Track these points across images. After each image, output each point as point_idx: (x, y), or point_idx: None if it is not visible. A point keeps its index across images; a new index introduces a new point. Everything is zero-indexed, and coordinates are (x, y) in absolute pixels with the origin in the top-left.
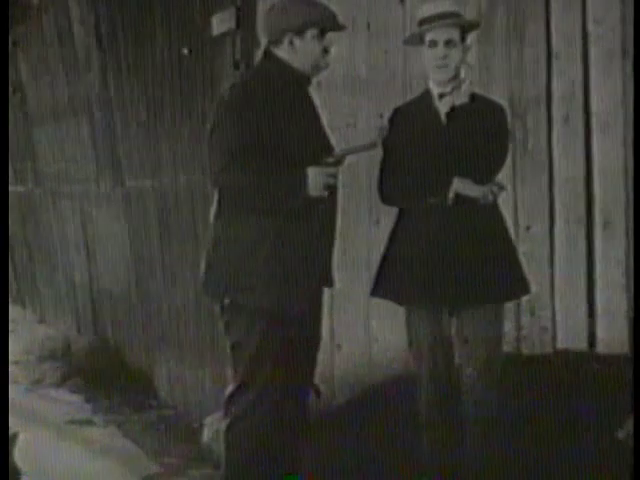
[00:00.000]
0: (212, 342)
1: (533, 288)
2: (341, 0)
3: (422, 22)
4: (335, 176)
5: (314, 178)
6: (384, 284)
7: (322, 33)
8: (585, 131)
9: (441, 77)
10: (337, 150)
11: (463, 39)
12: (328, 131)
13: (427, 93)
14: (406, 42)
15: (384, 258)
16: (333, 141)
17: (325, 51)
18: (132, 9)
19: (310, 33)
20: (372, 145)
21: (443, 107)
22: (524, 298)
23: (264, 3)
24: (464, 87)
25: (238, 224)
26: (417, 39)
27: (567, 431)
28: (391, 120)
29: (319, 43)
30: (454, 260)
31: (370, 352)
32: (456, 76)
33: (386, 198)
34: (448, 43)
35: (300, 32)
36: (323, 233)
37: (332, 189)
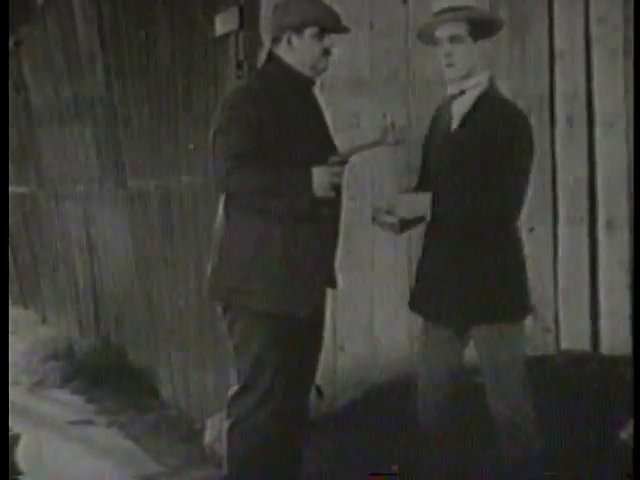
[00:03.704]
0: (214, 343)
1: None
2: (344, 0)
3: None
4: (341, 175)
5: (320, 178)
6: (412, 298)
7: (322, 33)
8: (588, 131)
9: (450, 75)
10: (341, 149)
11: (476, 35)
12: (332, 132)
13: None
14: (419, 38)
15: (416, 272)
16: (337, 141)
17: (325, 52)
18: (136, 9)
19: (309, 32)
20: (376, 143)
21: (456, 110)
22: None
23: (267, 3)
24: (473, 89)
25: (244, 227)
26: (428, 37)
27: (569, 431)
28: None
29: (318, 43)
30: (471, 278)
31: (373, 353)
32: (469, 75)
33: None
34: (453, 39)
35: (298, 30)
36: (327, 234)
37: (338, 189)
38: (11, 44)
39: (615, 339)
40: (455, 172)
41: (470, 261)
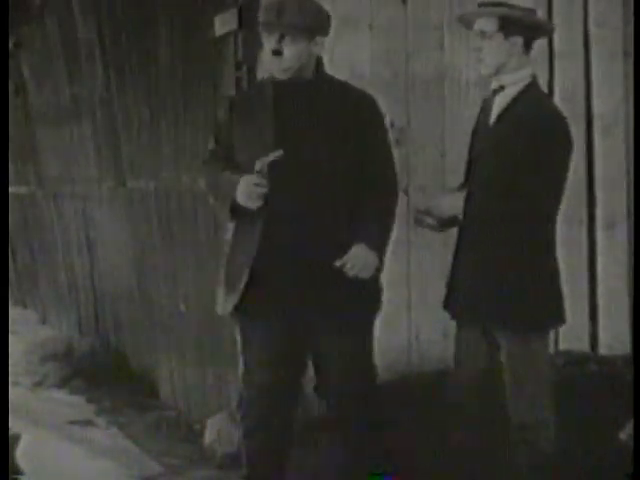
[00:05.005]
0: (214, 343)
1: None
2: (344, 0)
3: None
4: (261, 186)
5: (242, 186)
6: (445, 298)
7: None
8: (587, 131)
9: (481, 71)
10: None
11: (508, 32)
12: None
13: None
14: (460, 22)
15: (450, 272)
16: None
17: (274, 53)
18: (135, 10)
19: (265, 31)
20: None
21: (495, 105)
22: None
23: (266, 4)
24: (512, 86)
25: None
26: (467, 27)
27: (568, 432)
28: None
29: (268, 42)
30: (503, 280)
31: None
32: (502, 72)
33: None
34: (482, 34)
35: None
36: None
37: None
38: (11, 45)
39: (614, 339)
40: (489, 168)
41: (502, 262)
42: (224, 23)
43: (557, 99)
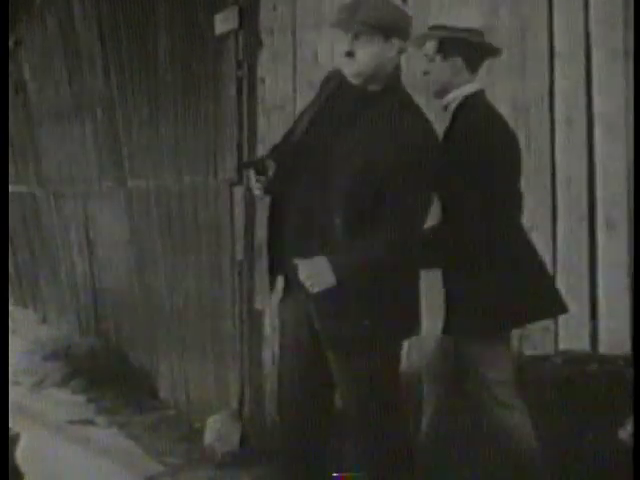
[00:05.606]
0: (214, 342)
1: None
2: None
3: None
4: (256, 180)
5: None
6: (446, 324)
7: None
8: (588, 131)
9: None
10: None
11: (446, 53)
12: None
13: None
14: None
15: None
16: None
17: (347, 54)
18: (135, 8)
19: (338, 30)
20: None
21: (443, 124)
22: None
23: (266, 2)
24: (449, 104)
25: None
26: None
27: (568, 431)
28: None
29: (341, 43)
30: (492, 289)
31: None
32: (444, 91)
33: None
34: (425, 57)
35: None
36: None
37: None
38: (11, 44)
39: (614, 339)
40: (453, 187)
41: (487, 280)
42: (225, 22)
43: (557, 99)
